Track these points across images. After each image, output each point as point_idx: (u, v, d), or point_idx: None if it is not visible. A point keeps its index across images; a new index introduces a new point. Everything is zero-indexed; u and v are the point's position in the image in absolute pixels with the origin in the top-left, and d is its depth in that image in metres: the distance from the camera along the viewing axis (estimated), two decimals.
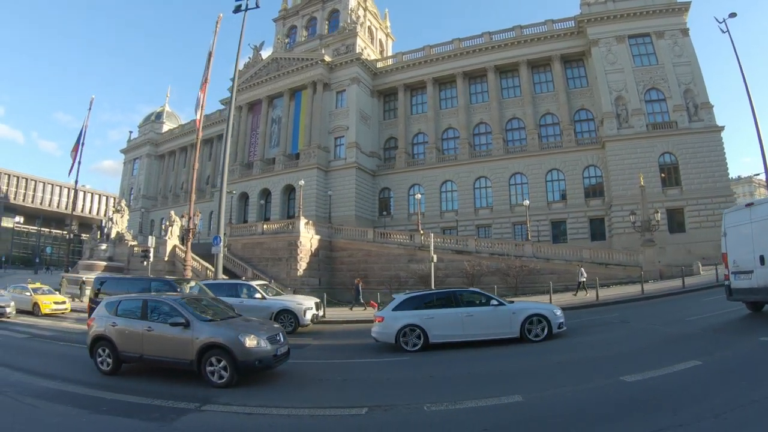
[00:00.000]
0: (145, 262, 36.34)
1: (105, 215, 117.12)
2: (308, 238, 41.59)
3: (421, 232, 41.72)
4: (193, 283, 20.39)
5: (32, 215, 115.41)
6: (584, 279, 29.67)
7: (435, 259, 32.17)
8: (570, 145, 50.59)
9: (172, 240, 44.27)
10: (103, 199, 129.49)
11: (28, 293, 30.64)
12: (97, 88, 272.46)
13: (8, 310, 26.76)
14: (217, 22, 33.82)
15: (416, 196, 47.59)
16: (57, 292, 34.17)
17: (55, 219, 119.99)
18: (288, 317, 20.65)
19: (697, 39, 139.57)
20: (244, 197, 60.03)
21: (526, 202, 42.86)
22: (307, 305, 21.49)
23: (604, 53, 49.06)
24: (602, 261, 36.61)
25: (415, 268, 38.41)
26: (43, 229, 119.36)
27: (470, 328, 14.66)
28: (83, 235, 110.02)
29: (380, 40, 71.30)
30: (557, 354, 12.48)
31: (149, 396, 9.94)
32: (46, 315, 29.03)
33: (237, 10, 30.01)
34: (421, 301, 15.57)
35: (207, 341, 10.91)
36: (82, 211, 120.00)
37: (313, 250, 41.85)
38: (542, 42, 53.87)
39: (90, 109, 56.38)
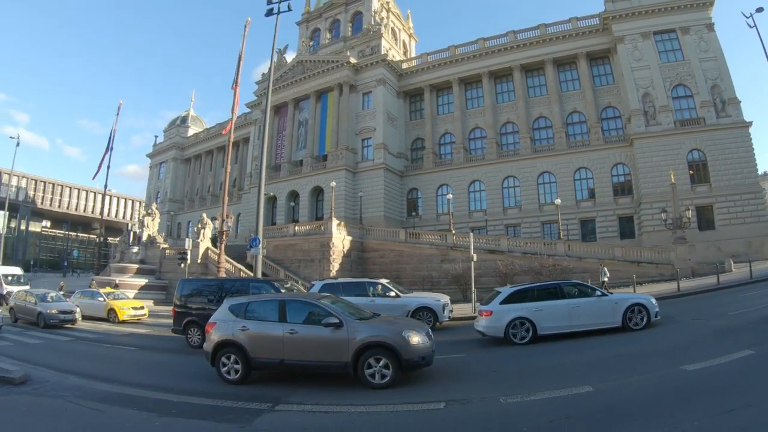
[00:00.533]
0: (182, 264, 37.38)
1: (131, 219, 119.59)
2: (340, 239, 42.34)
3: (453, 232, 42.40)
4: (289, 284, 20.58)
5: (59, 219, 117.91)
6: (606, 279, 29.97)
7: (475, 258, 32.98)
8: (598, 143, 50.95)
9: (204, 242, 44.90)
10: (129, 203, 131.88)
11: (101, 298, 29.24)
12: (122, 94, 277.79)
13: (75, 316, 25.56)
14: (245, 26, 34.97)
15: (447, 196, 48.32)
16: (128, 296, 32.73)
17: (81, 223, 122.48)
18: (426, 314, 20.20)
19: (722, 34, 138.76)
20: (272, 199, 61.14)
21: (558, 201, 43.45)
22: (444, 301, 21.14)
23: (629, 50, 49.32)
24: (634, 259, 36.90)
25: (447, 267, 38.92)
26: (69, 233, 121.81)
27: (576, 319, 15.19)
28: (110, 238, 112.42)
29: (403, 41, 72.12)
30: (620, 346, 13.12)
31: (215, 398, 10.10)
32: (124, 322, 27.33)
33: (269, 13, 30.93)
34: (527, 295, 15.90)
35: (367, 341, 10.54)
36: (108, 214, 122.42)
37: (345, 251, 42.56)
38: (567, 40, 54.19)
39: (118, 114, 57.98)
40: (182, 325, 19.00)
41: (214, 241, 44.75)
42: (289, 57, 66.36)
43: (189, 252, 39.02)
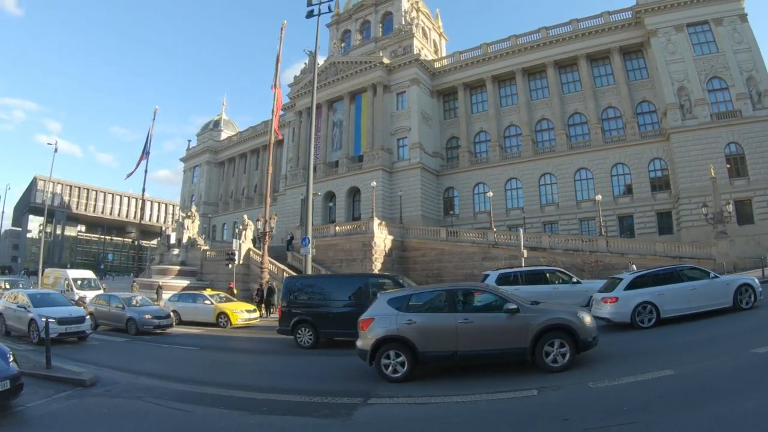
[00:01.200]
0: (230, 265, 38.76)
1: (165, 222, 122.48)
2: (382, 239, 43.26)
3: (494, 229, 43.32)
4: (402, 279, 20.31)
5: (93, 224, 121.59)
6: None
7: (525, 254, 33.63)
8: (634, 138, 51.29)
9: (246, 243, 45.87)
10: (162, 206, 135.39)
11: (208, 302, 27.52)
12: (152, 101, 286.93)
13: (170, 321, 24.80)
14: (282, 29, 36.42)
15: (488, 194, 49.13)
16: (232, 299, 30.65)
17: (115, 227, 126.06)
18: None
19: (755, 24, 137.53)
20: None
21: (599, 197, 44.22)
22: None
23: (663, 43, 49.44)
24: (675, 254, 37.03)
25: (489, 265, 39.14)
26: (104, 236, 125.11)
27: (694, 301, 15.93)
28: (144, 241, 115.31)
29: (434, 40, 72.96)
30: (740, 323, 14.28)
31: (301, 394, 10.33)
32: (237, 327, 25.91)
33: (309, 15, 32.16)
34: (648, 280, 16.42)
35: (547, 324, 10.57)
36: (140, 218, 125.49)
37: (386, 251, 43.44)
38: (600, 35, 54.51)
39: (154, 119, 59.88)
40: (290, 326, 18.77)
41: (255, 242, 46.20)
42: (321, 59, 67.65)
43: (237, 253, 40.49)
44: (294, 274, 40.29)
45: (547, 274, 23.09)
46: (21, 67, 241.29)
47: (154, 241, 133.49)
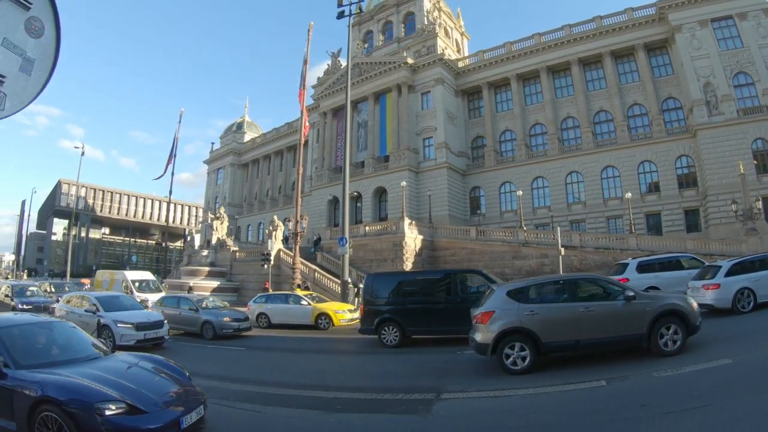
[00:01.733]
0: (265, 266, 39.57)
1: (188, 224, 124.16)
2: (412, 238, 43.85)
3: (524, 228, 43.96)
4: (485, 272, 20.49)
5: (117, 226, 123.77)
6: None
7: (563, 252, 34.09)
8: (660, 135, 51.40)
9: (276, 244, 46.46)
10: (186, 208, 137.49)
11: (305, 302, 26.18)
12: (173, 105, 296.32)
13: (249, 324, 23.72)
14: (309, 30, 37.39)
15: (517, 193, 49.75)
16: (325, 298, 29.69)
17: (139, 229, 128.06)
18: None
19: None
20: (335, 201, 63.40)
21: (628, 195, 44.62)
22: None
23: (688, 39, 49.49)
24: (705, 252, 36.60)
25: (519, 264, 40.35)
26: (127, 239, 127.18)
27: None
28: (168, 243, 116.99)
29: (456, 39, 73.52)
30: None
31: (370, 392, 10.63)
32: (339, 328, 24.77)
33: (340, 16, 33.05)
34: (744, 266, 17.32)
35: (661, 309, 11.01)
36: (166, 220, 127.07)
37: (417, 250, 43.98)
38: (623, 31, 54.64)
39: (180, 121, 61.08)
40: (374, 325, 18.49)
41: (285, 242, 47.14)
42: (343, 60, 68.59)
43: (272, 253, 41.43)
44: (326, 274, 41.37)
45: (683, 261, 23.49)
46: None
47: (178, 243, 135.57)
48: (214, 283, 46.46)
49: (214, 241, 52.98)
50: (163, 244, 69.74)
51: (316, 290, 37.19)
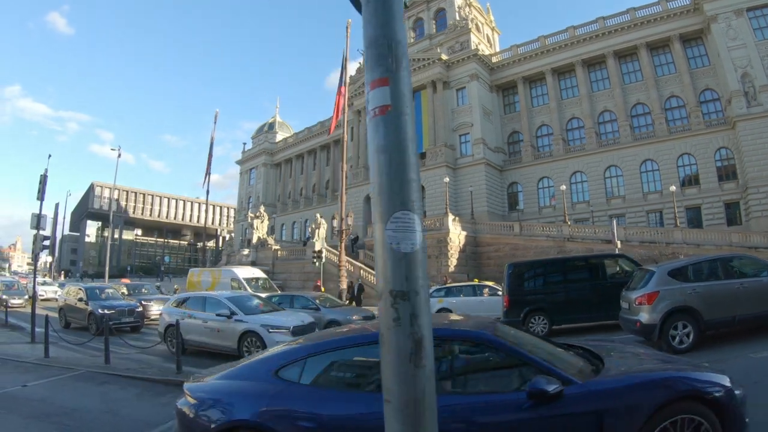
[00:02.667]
0: (316, 263, 39.00)
1: (219, 224, 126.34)
2: (456, 235, 44.65)
3: (569, 223, 44.69)
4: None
5: (149, 227, 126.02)
6: None
7: (620, 245, 34.66)
8: (699, 127, 51.49)
9: (320, 242, 45.55)
10: (217, 209, 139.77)
11: (501, 293, 22.06)
12: (202, 108, 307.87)
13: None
14: (347, 27, 38.43)
15: (561, 188, 50.60)
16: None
17: (170, 230, 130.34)
18: None
19: None
20: (368, 199, 64.20)
21: (672, 188, 44.91)
22: None
23: (724, 29, 49.37)
24: (750, 245, 37.44)
25: None
26: (159, 239, 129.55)
27: None
28: (199, 243, 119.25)
29: (487, 34, 73.88)
30: None
31: None
32: None
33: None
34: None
35: None
36: (197, 221, 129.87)
37: (461, 246, 44.79)
38: (658, 23, 54.70)
39: (215, 122, 62.14)
40: (522, 315, 18.01)
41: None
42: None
43: (324, 251, 41.51)
44: (373, 271, 42.12)
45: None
46: (74, 82, 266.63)
47: (210, 243, 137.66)
48: None
49: (254, 240, 54.12)
50: (200, 245, 71.15)
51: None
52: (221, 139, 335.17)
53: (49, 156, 20.20)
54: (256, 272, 37.76)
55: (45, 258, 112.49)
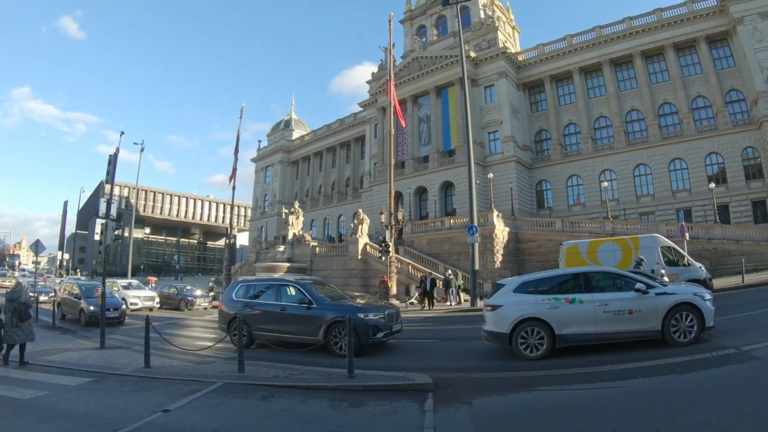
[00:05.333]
0: (383, 258, 39.22)
1: (230, 223, 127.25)
2: (501, 230, 45.86)
3: (611, 219, 46.46)
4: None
5: (158, 226, 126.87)
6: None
7: (688, 238, 36.01)
8: (725, 127, 53.40)
9: (363, 238, 48.06)
10: (227, 207, 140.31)
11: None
12: (207, 110, 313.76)
13: None
14: (389, 21, 40.48)
15: (603, 184, 52.86)
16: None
17: (180, 228, 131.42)
18: None
19: None
20: (397, 196, 65.91)
21: (712, 185, 47.11)
22: None
23: (750, 31, 51.35)
24: None
25: None
26: (168, 238, 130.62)
27: None
28: (209, 242, 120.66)
29: (508, 33, 76.00)
30: None
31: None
32: None
33: (446, 2, 35.59)
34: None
35: None
36: (207, 219, 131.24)
37: (504, 242, 46.04)
38: (684, 24, 56.58)
39: (241, 117, 64.15)
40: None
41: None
42: (396, 55, 71.18)
43: (391, 245, 40.89)
44: (421, 267, 43.62)
45: None
46: (82, 83, 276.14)
47: (220, 242, 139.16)
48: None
49: (290, 236, 54.49)
50: (230, 242, 72.09)
51: (409, 282, 40.07)
52: (226, 141, 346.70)
53: (122, 133, 21.70)
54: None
55: (57, 254, 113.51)
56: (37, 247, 31.78)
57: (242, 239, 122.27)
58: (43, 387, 11.55)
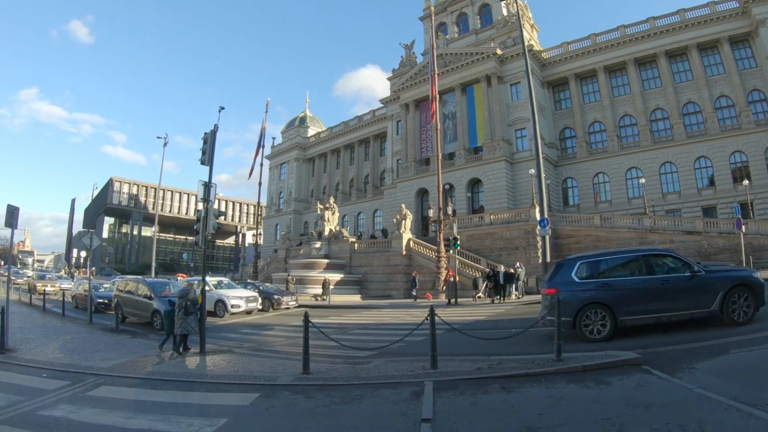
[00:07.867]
0: (451, 251, 40.05)
1: (239, 221, 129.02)
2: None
3: (649, 215, 48.47)
4: None
5: (166, 224, 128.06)
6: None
7: (744, 230, 38.06)
8: (749, 126, 55.61)
9: (406, 234, 49.17)
10: (237, 205, 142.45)
11: None
12: (211, 111, 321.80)
13: None
14: (431, 17, 42.67)
15: (640, 180, 55.43)
16: None
17: (188, 226, 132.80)
18: None
19: None
20: (422, 192, 68.29)
21: (746, 182, 49.32)
22: None
23: None
24: None
25: None
26: (177, 236, 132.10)
27: None
28: (219, 240, 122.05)
29: (528, 31, 78.42)
30: None
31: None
32: None
33: None
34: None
35: None
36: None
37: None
38: (707, 25, 58.82)
39: (266, 111, 65.80)
40: None
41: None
42: (418, 52, 73.54)
43: (452, 239, 40.08)
44: (470, 262, 45.33)
45: None
46: (89, 85, 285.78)
47: (228, 240, 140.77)
48: (337, 276, 48.05)
49: (326, 232, 55.29)
50: (257, 241, 73.65)
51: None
52: (231, 141, 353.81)
53: (221, 108, 22.12)
54: None
55: (62, 254, 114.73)
56: (92, 238, 26.34)
57: (250, 237, 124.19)
58: (217, 411, 9.66)
